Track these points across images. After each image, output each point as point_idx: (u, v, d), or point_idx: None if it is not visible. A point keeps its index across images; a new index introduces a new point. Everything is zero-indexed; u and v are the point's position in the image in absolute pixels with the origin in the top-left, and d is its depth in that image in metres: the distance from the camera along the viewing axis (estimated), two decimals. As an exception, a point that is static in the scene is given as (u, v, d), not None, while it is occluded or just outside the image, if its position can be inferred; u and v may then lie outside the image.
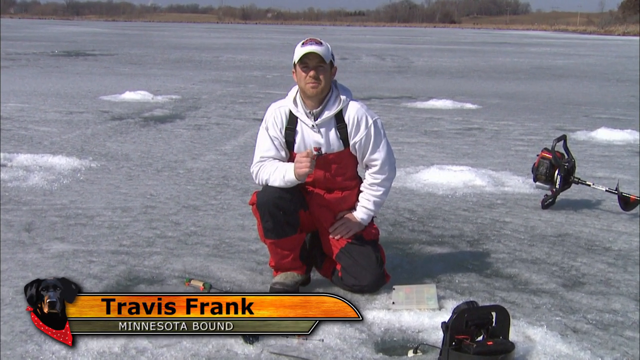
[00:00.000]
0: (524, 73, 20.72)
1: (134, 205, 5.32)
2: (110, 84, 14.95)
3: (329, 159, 3.58)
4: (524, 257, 4.31)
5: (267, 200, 3.48)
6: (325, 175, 3.62)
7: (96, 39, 38.03)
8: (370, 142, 3.58)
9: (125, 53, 26.40)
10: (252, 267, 4.02)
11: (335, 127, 3.55)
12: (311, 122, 3.53)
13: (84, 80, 15.59)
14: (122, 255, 4.17)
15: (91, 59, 22.82)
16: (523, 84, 17.37)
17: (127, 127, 9.23)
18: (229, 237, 4.60)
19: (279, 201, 3.47)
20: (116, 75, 17.17)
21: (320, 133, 3.54)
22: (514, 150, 8.11)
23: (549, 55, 30.40)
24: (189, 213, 5.16)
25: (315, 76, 3.45)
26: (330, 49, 3.55)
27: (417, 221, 5.10)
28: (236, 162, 7.08)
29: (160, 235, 4.59)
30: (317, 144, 3.54)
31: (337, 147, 3.57)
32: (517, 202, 5.69)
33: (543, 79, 18.95)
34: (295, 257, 3.63)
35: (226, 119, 10.29)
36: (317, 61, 3.44)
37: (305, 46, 3.45)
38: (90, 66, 19.95)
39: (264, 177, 3.55)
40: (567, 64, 25.03)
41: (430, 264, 4.16)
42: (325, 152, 3.56)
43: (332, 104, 3.55)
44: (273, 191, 3.49)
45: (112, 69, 19.09)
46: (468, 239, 4.68)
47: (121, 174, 6.45)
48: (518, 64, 24.50)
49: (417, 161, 7.28)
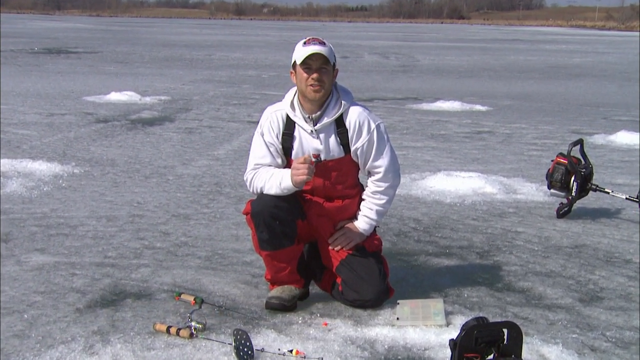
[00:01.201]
0: (538, 72, 20.77)
1: (120, 214, 5.33)
2: (95, 83, 14.97)
3: (328, 166, 3.59)
4: (537, 270, 4.32)
5: (262, 210, 3.49)
6: (324, 183, 3.63)
7: (79, 36, 38.12)
8: (373, 147, 3.59)
9: (111, 51, 26.45)
10: (246, 280, 4.02)
11: (335, 132, 3.56)
12: (310, 127, 3.54)
13: (66, 80, 15.62)
14: (107, 267, 4.17)
15: (74, 57, 22.87)
16: (537, 84, 17.42)
17: (112, 130, 9.24)
18: (222, 248, 4.61)
19: (275, 210, 3.48)
20: (101, 75, 17.20)
21: (320, 139, 3.55)
22: (527, 155, 8.13)
23: (564, 53, 30.48)
24: (179, 222, 5.17)
25: (319, 79, 3.46)
26: (333, 49, 3.56)
27: (423, 231, 5.11)
28: (230, 168, 7.10)
29: (148, 246, 4.59)
30: (316, 151, 3.55)
31: (338, 154, 3.59)
32: (531, 211, 5.70)
33: (558, 78, 19.00)
34: (293, 269, 3.64)
35: (219, 121, 10.31)
36: (321, 62, 3.45)
37: (307, 46, 3.46)
38: (73, 65, 19.99)
39: (259, 185, 3.56)
40: (585, 62, 25.10)
41: (437, 277, 4.16)
42: (324, 158, 3.57)
43: (332, 108, 3.56)
44: (268, 200, 3.50)
45: (97, 68, 19.12)
46: (478, 250, 4.69)
47: (106, 180, 6.46)
48: (531, 63, 24.56)
49: (423, 167, 7.30)
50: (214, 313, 3.52)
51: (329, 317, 3.53)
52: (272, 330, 3.34)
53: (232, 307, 3.61)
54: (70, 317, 3.45)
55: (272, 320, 3.48)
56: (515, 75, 19.78)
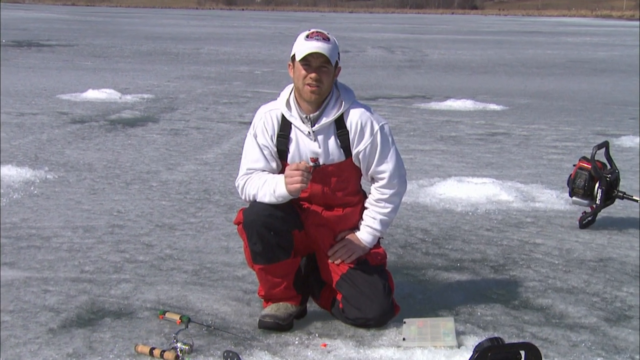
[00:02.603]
0: (559, 68, 20.82)
1: (99, 224, 5.34)
2: (70, 80, 15.00)
3: (327, 171, 3.61)
4: (558, 286, 4.34)
5: (255, 219, 3.50)
6: (323, 189, 3.64)
7: (52, 27, 38.17)
8: (377, 151, 3.61)
9: (88, 44, 26.49)
10: (238, 296, 4.03)
11: (335, 134, 3.58)
12: (307, 129, 3.56)
13: (38, 76, 15.65)
14: (84, 283, 4.18)
15: (46, 51, 22.90)
16: (557, 80, 17.46)
17: (90, 132, 9.26)
18: (211, 261, 4.62)
19: (269, 220, 3.49)
20: (77, 70, 17.23)
21: (318, 141, 3.56)
22: (547, 159, 8.16)
23: (588, 46, 30.56)
24: (163, 233, 5.18)
25: (318, 79, 3.48)
26: (338, 45, 3.57)
27: (432, 243, 5.12)
28: (219, 174, 7.11)
29: (130, 260, 4.60)
30: (314, 154, 3.56)
31: (338, 157, 3.60)
32: (550, 221, 5.72)
33: (581, 74, 19.05)
34: (289, 285, 3.65)
35: (207, 122, 10.33)
36: (322, 61, 3.47)
37: (310, 40, 3.48)
38: (45, 59, 20.02)
39: (251, 192, 3.58)
40: (611, 57, 25.17)
41: (447, 293, 4.18)
42: (323, 163, 3.58)
43: (331, 108, 3.58)
44: (262, 208, 3.51)
45: (72, 63, 19.15)
46: (492, 264, 4.70)
47: (83, 187, 6.47)
48: (552, 57, 24.62)
49: (431, 172, 7.32)
50: (201, 333, 3.52)
51: (328, 337, 3.54)
52: (266, 352, 3.34)
53: (221, 326, 3.61)
54: (43, 339, 3.45)
55: (265, 341, 3.49)
56: (534, 71, 19.83)
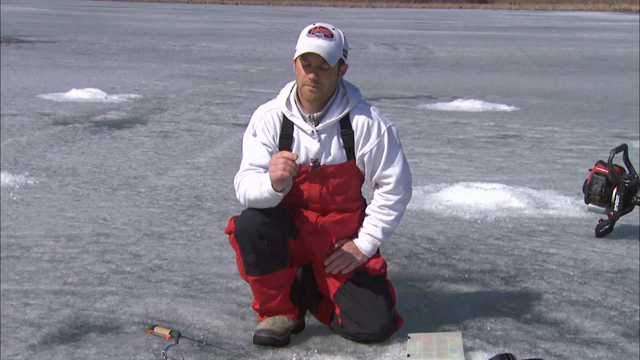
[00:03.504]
0: (574, 65, 20.84)
1: (83, 233, 5.34)
2: (52, 79, 15.00)
3: (327, 172, 3.60)
4: (573, 299, 4.34)
5: (248, 227, 3.50)
6: (321, 191, 3.64)
7: (33, 21, 38.15)
8: (383, 153, 3.61)
9: (71, 40, 26.50)
10: (231, 310, 4.04)
11: (338, 133, 3.58)
12: (310, 128, 3.56)
13: (18, 74, 15.65)
14: (67, 296, 4.18)
15: (26, 47, 22.90)
16: (572, 79, 17.47)
17: (73, 134, 9.26)
18: (203, 272, 4.62)
19: (263, 228, 3.49)
20: (59, 68, 17.23)
21: (320, 140, 3.57)
22: (561, 163, 8.17)
23: (606, 43, 30.57)
24: (152, 242, 5.18)
25: (316, 80, 3.47)
26: (344, 41, 3.55)
27: (438, 252, 5.13)
28: (212, 179, 7.12)
29: (116, 271, 4.61)
30: (314, 154, 3.56)
31: (339, 158, 3.60)
32: (565, 229, 5.72)
33: (598, 72, 19.05)
34: (285, 297, 3.65)
35: (199, 124, 10.34)
36: (320, 62, 3.46)
37: (311, 37, 3.46)
38: (25, 56, 20.02)
39: (243, 189, 3.54)
40: (630, 54, 25.16)
41: (454, 306, 4.18)
42: (323, 163, 3.58)
43: (336, 107, 3.58)
44: (254, 216, 3.51)
45: (54, 60, 19.16)
46: (502, 275, 4.71)
47: (66, 193, 6.47)
48: (566, 54, 24.64)
49: (438, 177, 7.33)
50: (193, 349, 3.53)
51: (327, 353, 3.54)
52: (261, 369, 3.35)
53: (214, 341, 3.62)
54: (23, 355, 3.46)
55: (261, 357, 3.49)
56: (547, 69, 19.84)
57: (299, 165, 3.46)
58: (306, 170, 3.58)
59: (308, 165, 3.58)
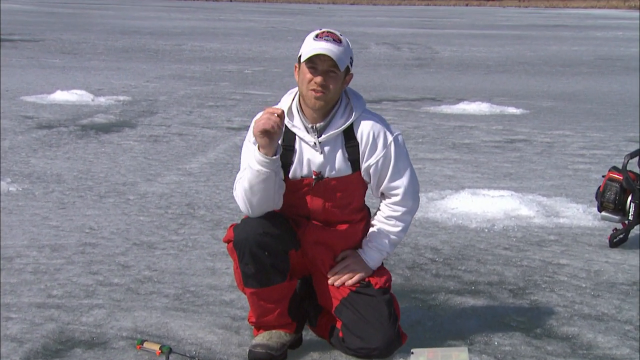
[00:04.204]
0: (587, 66, 20.87)
1: (68, 243, 5.34)
2: (36, 80, 15.00)
3: (330, 185, 3.60)
4: (585, 312, 4.35)
5: (248, 237, 3.50)
6: (324, 205, 3.64)
7: (15, 19, 38.17)
8: (390, 165, 3.62)
9: (56, 39, 26.52)
10: (225, 324, 4.04)
11: (343, 145, 3.57)
12: (313, 139, 3.56)
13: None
14: (52, 309, 4.18)
15: (8, 47, 22.91)
16: (585, 80, 17.50)
17: (58, 139, 9.27)
18: (195, 284, 4.62)
19: (264, 238, 3.49)
20: (43, 69, 17.24)
21: (324, 152, 3.57)
22: (572, 169, 8.17)
23: (620, 42, 30.60)
24: (141, 253, 5.19)
25: (323, 84, 3.47)
26: (350, 49, 3.55)
27: (443, 263, 5.14)
28: (205, 186, 7.12)
29: (103, 283, 4.61)
30: (317, 166, 3.56)
31: (344, 171, 3.60)
32: (577, 239, 5.73)
33: (612, 73, 19.07)
34: (283, 311, 3.65)
35: (191, 127, 10.35)
36: (330, 65, 3.46)
37: (319, 41, 3.46)
38: (7, 56, 20.02)
39: (240, 188, 3.49)
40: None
41: (460, 320, 4.19)
42: (327, 176, 3.58)
43: (340, 117, 3.57)
44: (255, 225, 3.51)
45: (38, 60, 19.17)
46: (511, 287, 4.72)
47: (51, 200, 6.48)
48: (578, 54, 24.68)
49: (442, 184, 7.34)
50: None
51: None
52: (257, 387, 3.35)
53: (207, 357, 3.62)
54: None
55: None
56: (558, 69, 19.87)
57: (283, 123, 3.39)
58: (309, 183, 3.58)
59: (311, 178, 3.58)
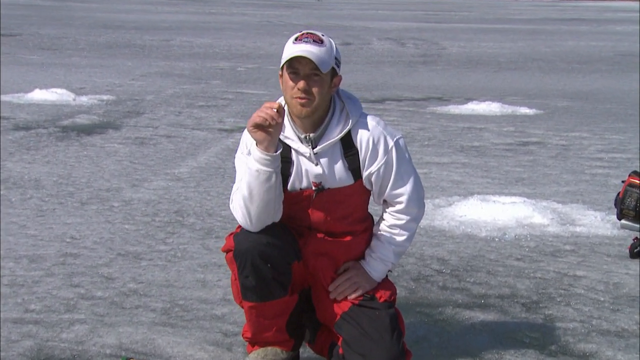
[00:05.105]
0: (605, 62, 20.89)
1: (47, 253, 5.34)
2: (12, 78, 14.99)
3: (332, 197, 3.57)
4: (604, 328, 4.35)
5: (250, 248, 3.49)
6: (326, 217, 3.62)
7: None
8: (392, 171, 3.60)
9: (34, 33, 26.53)
10: (216, 340, 4.04)
11: (342, 155, 3.56)
12: (308, 151, 3.56)
13: (-25, 73, 15.66)
14: (29, 325, 4.18)
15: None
16: (603, 78, 17.51)
17: (37, 141, 9.27)
18: (184, 297, 4.62)
19: (267, 250, 3.49)
20: (20, 66, 17.24)
21: (321, 164, 3.56)
22: (589, 174, 8.18)
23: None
24: (126, 264, 5.19)
25: (306, 89, 3.43)
26: (335, 49, 3.52)
27: (451, 275, 5.14)
28: (194, 191, 7.12)
29: (85, 296, 4.61)
30: (316, 178, 3.55)
31: (345, 181, 3.58)
32: (594, 249, 5.73)
33: (632, 70, 19.07)
34: (281, 327, 3.65)
35: (180, 129, 10.35)
36: (312, 67, 3.42)
37: (298, 43, 3.43)
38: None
39: (239, 195, 3.48)
40: (668, 50, 25.23)
41: (469, 336, 4.19)
42: (327, 187, 3.57)
43: (336, 125, 3.54)
44: (258, 235, 3.50)
45: (15, 57, 19.17)
46: (523, 301, 4.72)
47: (29, 207, 6.47)
48: (597, 50, 24.71)
49: (450, 189, 7.34)
50: (172, 385, 3.54)
51: (325, 389, 3.55)
52: (250, 408, 3.35)
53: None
54: (-19, 391, 3.46)
55: (250, 395, 3.50)
56: (575, 67, 19.90)
57: (282, 117, 3.39)
58: (310, 195, 3.58)
59: (311, 190, 3.57)
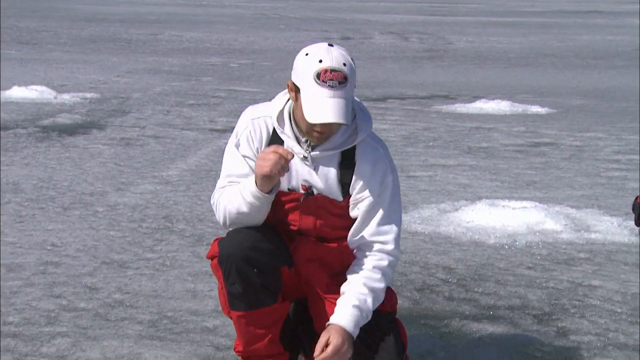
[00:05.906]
0: (622, 58, 20.89)
1: (26, 262, 5.34)
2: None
3: (321, 203, 3.58)
4: (621, 341, 4.35)
5: (235, 253, 3.50)
6: (315, 223, 3.63)
7: (-32, 6, 38.23)
8: (384, 206, 3.57)
9: (12, 26, 26.51)
10: (207, 354, 4.05)
11: (338, 165, 3.56)
12: (303, 152, 3.56)
13: (-51, 70, 15.66)
14: (7, 338, 4.18)
15: (-40, 37, 22.92)
16: (621, 75, 17.51)
17: (15, 142, 9.26)
18: (173, 308, 4.63)
19: (252, 253, 3.49)
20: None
21: (314, 168, 3.57)
22: (605, 177, 8.18)
23: (660, 32, 30.69)
24: (111, 273, 5.19)
25: (329, 133, 3.44)
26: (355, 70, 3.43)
27: (457, 284, 5.15)
28: (184, 196, 7.12)
29: (67, 307, 4.61)
30: (306, 182, 3.56)
31: (335, 194, 3.58)
32: (611, 257, 5.74)
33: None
34: (274, 338, 3.65)
35: (169, 129, 10.35)
36: (338, 126, 3.43)
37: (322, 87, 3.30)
38: (-42, 48, 20.04)
39: (223, 205, 3.53)
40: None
41: (477, 350, 4.20)
42: (317, 193, 3.58)
43: (340, 135, 3.51)
44: (243, 238, 3.51)
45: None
46: (535, 312, 4.72)
47: (6, 213, 6.47)
48: (613, 45, 24.71)
49: (456, 193, 7.34)
50: (160, 401, 3.55)
51: (323, 406, 3.55)
52: None
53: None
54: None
55: (243, 412, 3.50)
56: (590, 63, 19.91)
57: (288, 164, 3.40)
58: (298, 197, 3.58)
59: (300, 193, 3.58)
